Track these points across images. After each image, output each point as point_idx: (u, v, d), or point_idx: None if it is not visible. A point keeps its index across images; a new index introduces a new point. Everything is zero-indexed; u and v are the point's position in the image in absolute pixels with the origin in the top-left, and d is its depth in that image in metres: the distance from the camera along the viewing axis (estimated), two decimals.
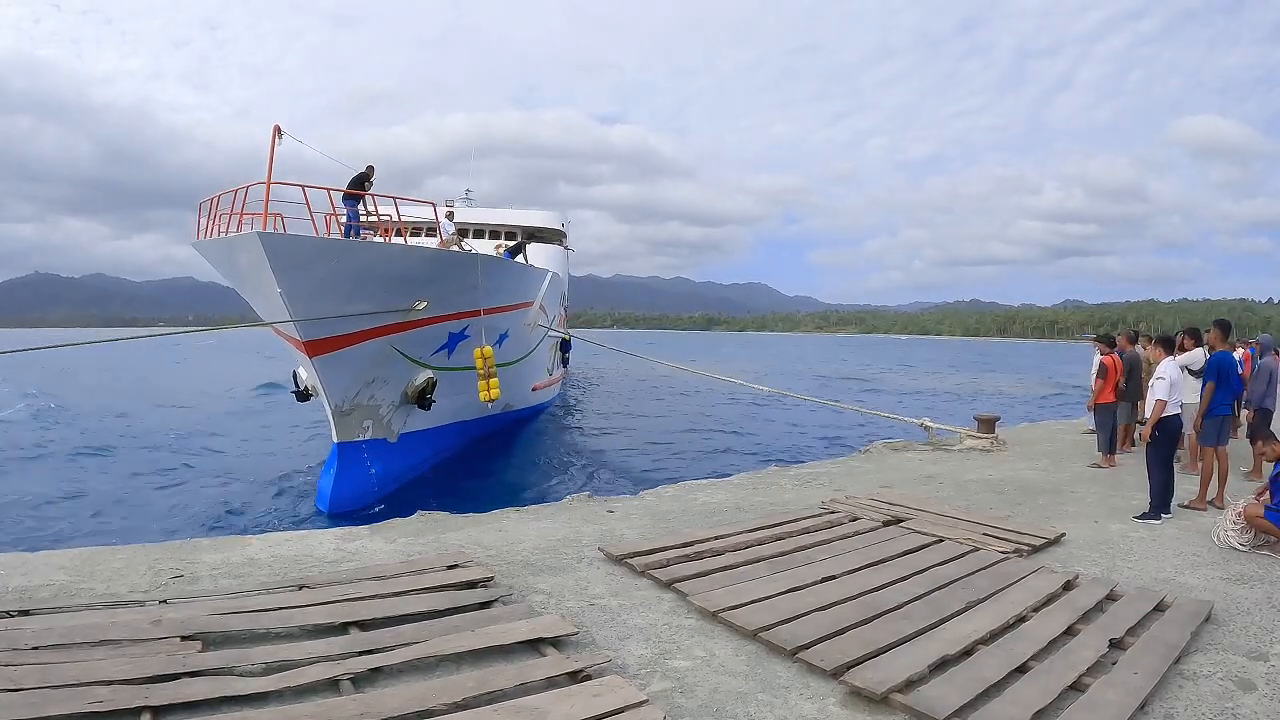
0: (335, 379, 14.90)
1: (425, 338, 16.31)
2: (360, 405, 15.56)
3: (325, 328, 14.08)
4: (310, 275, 13.45)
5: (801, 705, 4.33)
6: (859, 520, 8.39)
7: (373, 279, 14.40)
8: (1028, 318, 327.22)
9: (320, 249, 13.88)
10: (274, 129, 13.36)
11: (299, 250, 13.40)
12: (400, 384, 16.33)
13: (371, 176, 16.93)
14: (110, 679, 4.20)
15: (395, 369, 15.95)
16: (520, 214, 31.25)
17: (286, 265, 13.12)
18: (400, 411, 16.66)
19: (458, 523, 8.47)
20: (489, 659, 4.74)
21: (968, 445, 14.28)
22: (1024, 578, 6.39)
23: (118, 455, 21.52)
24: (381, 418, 16.18)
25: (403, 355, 15.92)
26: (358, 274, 14.15)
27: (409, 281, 15.11)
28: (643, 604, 5.87)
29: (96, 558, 6.84)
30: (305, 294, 13.54)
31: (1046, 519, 8.78)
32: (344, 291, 13.96)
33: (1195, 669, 4.87)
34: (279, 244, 13.14)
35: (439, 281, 15.79)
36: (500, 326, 19.33)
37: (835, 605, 5.66)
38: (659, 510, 9.19)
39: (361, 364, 15.06)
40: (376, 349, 15.19)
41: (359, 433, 15.65)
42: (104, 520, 14.17)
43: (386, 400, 16.14)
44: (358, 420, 15.60)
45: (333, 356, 14.55)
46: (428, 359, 16.69)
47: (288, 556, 7.01)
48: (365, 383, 15.44)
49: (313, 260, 13.49)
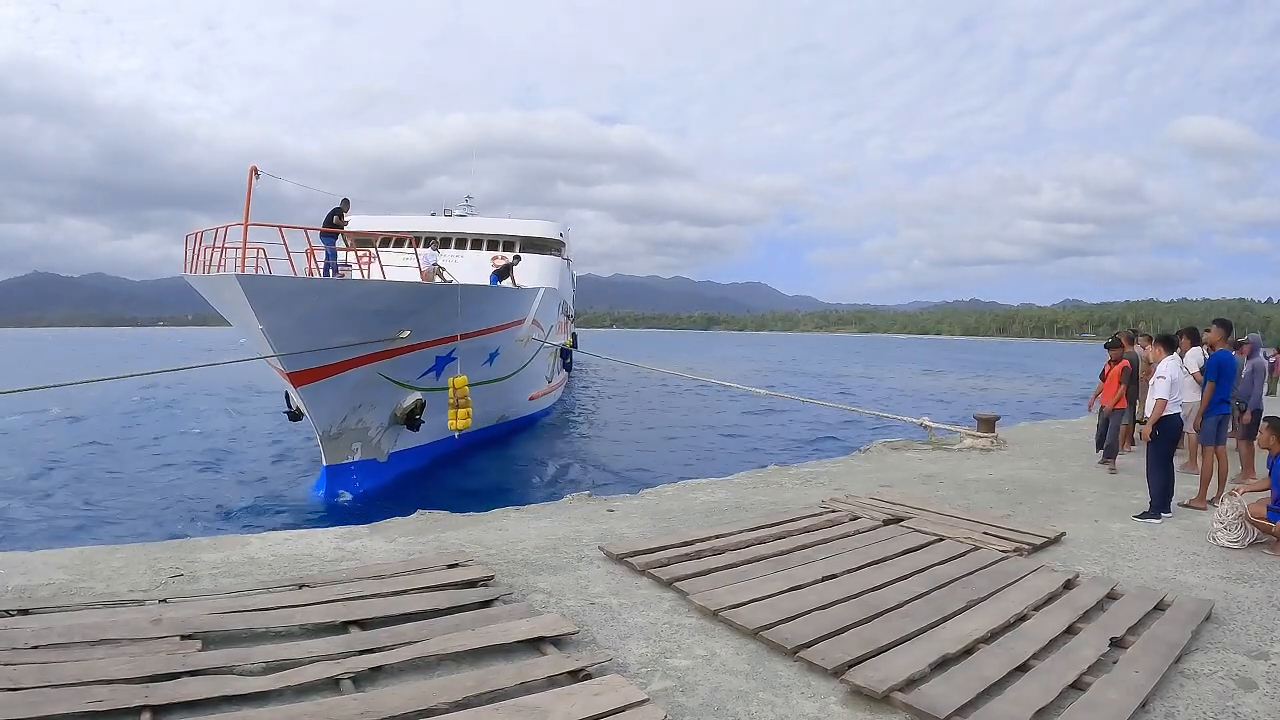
0: (322, 407, 15.11)
1: (412, 363, 16.46)
2: (349, 429, 15.74)
3: (309, 359, 14.26)
4: (291, 312, 13.66)
5: (802, 704, 4.33)
6: (859, 519, 8.39)
7: (354, 314, 14.59)
8: (1027, 317, 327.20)
9: (299, 289, 14.06)
10: (250, 170, 13.45)
11: (277, 290, 13.62)
12: (388, 406, 16.46)
13: (347, 211, 17.04)
14: (110, 678, 4.19)
15: (383, 393, 16.10)
16: (517, 224, 31.23)
17: (265, 304, 13.33)
18: (390, 432, 16.80)
19: (458, 522, 8.47)
20: (489, 658, 4.73)
21: (968, 444, 14.27)
22: (1024, 577, 6.39)
23: (119, 455, 21.50)
24: (370, 439, 16.34)
25: (389, 380, 16.08)
26: (338, 310, 14.34)
27: (390, 314, 15.27)
28: (643, 603, 5.86)
29: (96, 557, 6.82)
30: (286, 330, 13.75)
31: (1047, 518, 8.78)
32: (326, 326, 14.14)
33: (1196, 668, 4.87)
34: (257, 285, 13.37)
35: (420, 313, 15.95)
36: (490, 346, 19.49)
37: (836, 604, 5.66)
38: (659, 509, 9.18)
39: (347, 391, 15.23)
40: (362, 376, 15.36)
41: (348, 455, 15.84)
42: (104, 519, 14.16)
43: (375, 423, 16.29)
44: (346, 443, 15.79)
45: (318, 386, 14.74)
46: (415, 382, 16.82)
47: (288, 555, 6.99)
48: (352, 408, 15.60)
49: (292, 299, 13.69)
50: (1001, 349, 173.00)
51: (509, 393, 22.69)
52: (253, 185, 13.24)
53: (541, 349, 24.49)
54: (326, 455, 15.49)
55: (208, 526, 13.25)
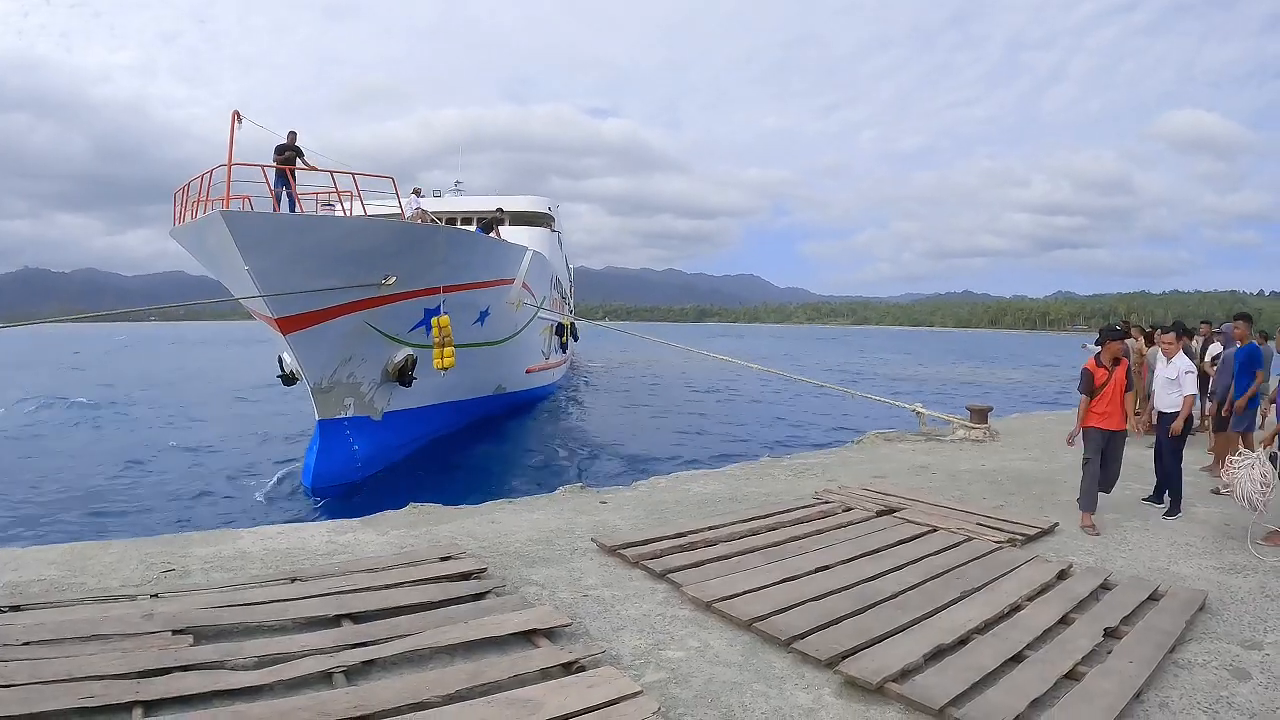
0: (312, 356, 15.06)
1: (400, 313, 16.35)
2: (340, 383, 15.74)
3: (296, 304, 14.22)
4: (275, 251, 13.62)
5: (796, 695, 4.32)
6: (852, 510, 8.40)
7: (337, 254, 14.49)
8: (1019, 309, 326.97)
9: (282, 225, 14.03)
10: (233, 114, 13.60)
11: (261, 226, 13.59)
12: (379, 361, 16.42)
13: (294, 143, 16.36)
14: (101, 674, 4.19)
15: (373, 346, 16.03)
16: (504, 199, 31.06)
17: (251, 242, 13.29)
18: (383, 390, 16.76)
19: (450, 514, 8.47)
20: (482, 651, 4.73)
21: (960, 436, 14.29)
22: (1018, 567, 6.40)
23: (118, 449, 21.42)
24: (363, 395, 16.32)
25: (379, 332, 15.99)
26: (322, 249, 14.24)
27: (374, 255, 15.14)
28: (636, 595, 5.86)
29: (88, 552, 6.80)
30: (272, 270, 13.68)
31: (1040, 509, 8.80)
32: (311, 267, 14.04)
33: (1190, 658, 4.88)
34: (241, 221, 13.31)
35: (403, 255, 15.80)
36: (479, 303, 19.33)
37: (829, 595, 5.66)
38: (652, 501, 9.18)
39: (337, 341, 15.17)
40: (351, 325, 15.28)
41: (340, 410, 15.81)
42: (97, 514, 14.11)
43: (367, 378, 16.27)
44: (338, 398, 15.77)
45: (307, 333, 14.69)
46: (405, 336, 16.74)
47: (280, 549, 6.98)
48: (343, 360, 15.57)
49: (276, 236, 13.66)
50: (996, 340, 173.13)
51: (504, 360, 22.61)
52: (235, 131, 13.37)
53: (535, 318, 24.41)
54: (319, 409, 15.51)
55: (200, 521, 13.21)
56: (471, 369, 18.63)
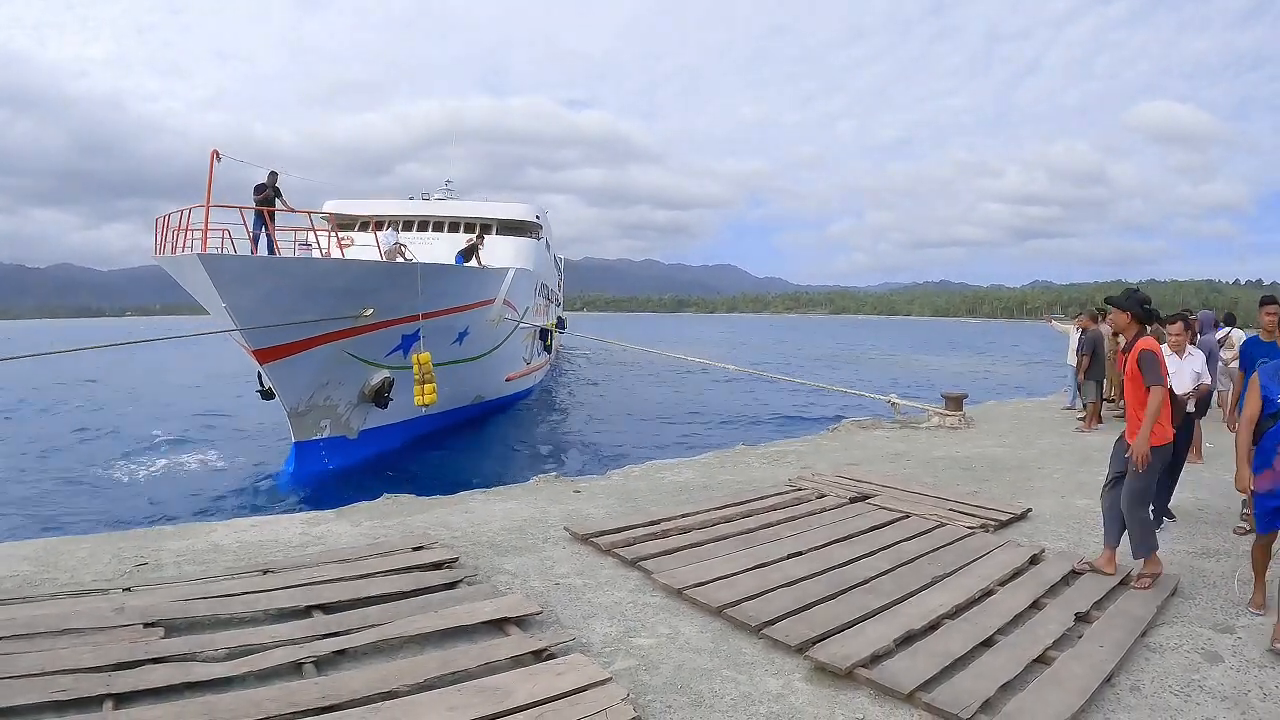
0: (289, 384, 15.30)
1: (377, 341, 16.53)
2: (316, 406, 15.93)
3: (273, 336, 14.44)
4: (254, 290, 13.86)
5: (766, 681, 4.34)
6: (826, 497, 8.43)
7: (315, 292, 14.71)
8: (996, 298, 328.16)
9: (259, 267, 14.30)
10: (211, 153, 13.67)
11: (239, 269, 13.83)
12: (356, 384, 16.61)
13: (275, 183, 16.29)
14: (73, 667, 4.16)
15: (350, 371, 16.23)
16: (492, 206, 30.90)
17: (228, 282, 13.53)
18: (359, 410, 16.96)
19: (424, 505, 8.43)
20: (453, 639, 4.73)
21: (935, 423, 14.35)
22: (990, 552, 6.44)
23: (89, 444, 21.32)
24: (339, 416, 16.52)
25: (356, 358, 16.18)
26: (299, 288, 14.46)
27: (352, 292, 15.37)
28: (608, 583, 5.86)
29: (60, 548, 6.74)
30: (249, 307, 13.92)
31: (1014, 495, 8.85)
32: (289, 304, 14.27)
33: (1162, 642, 4.92)
34: (219, 264, 13.54)
35: (382, 291, 16.01)
36: (457, 325, 19.49)
37: (801, 581, 5.68)
38: (626, 490, 9.18)
39: (314, 368, 15.38)
40: (328, 353, 15.47)
41: (316, 431, 16.08)
42: (69, 510, 14.04)
43: (344, 400, 16.46)
44: (314, 420, 16.00)
45: (284, 363, 14.93)
46: (383, 360, 16.91)
47: (253, 542, 6.94)
48: (320, 385, 15.77)
49: (253, 277, 13.90)
50: (979, 329, 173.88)
51: (483, 373, 22.69)
52: (214, 169, 13.50)
53: (517, 330, 24.47)
54: (295, 432, 15.79)
55: (174, 515, 13.16)
56: (450, 384, 18.71)
